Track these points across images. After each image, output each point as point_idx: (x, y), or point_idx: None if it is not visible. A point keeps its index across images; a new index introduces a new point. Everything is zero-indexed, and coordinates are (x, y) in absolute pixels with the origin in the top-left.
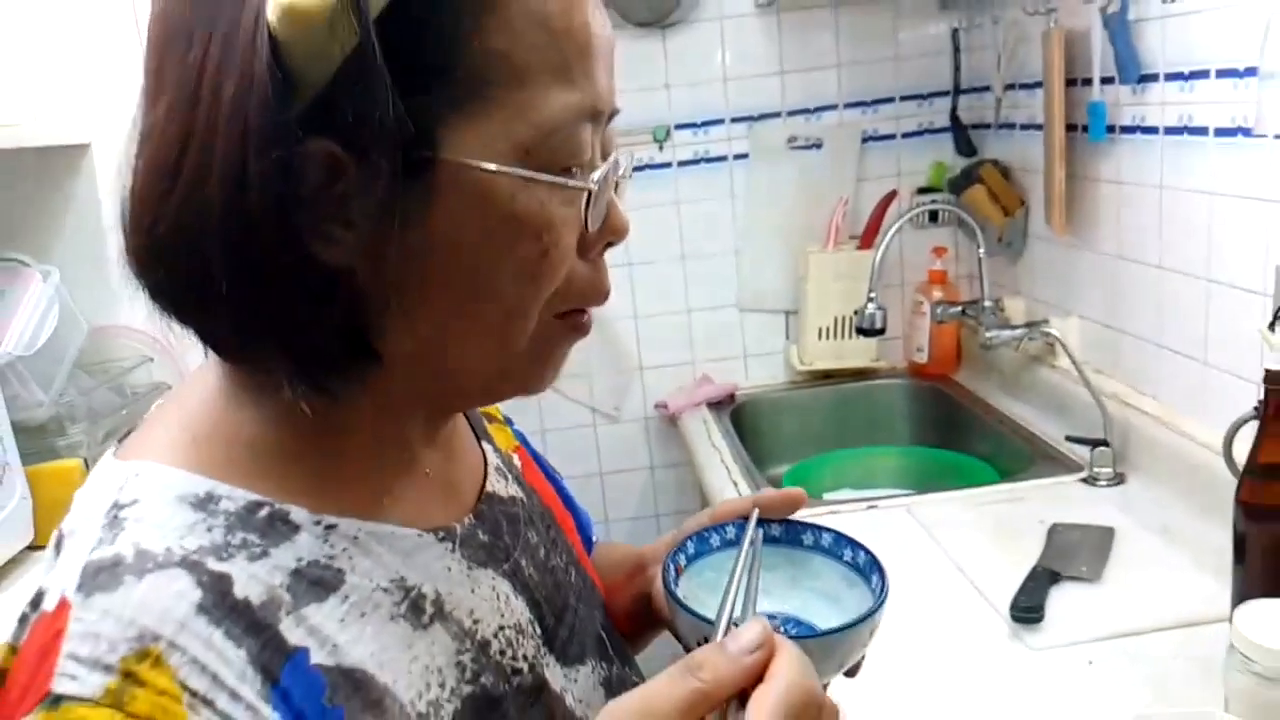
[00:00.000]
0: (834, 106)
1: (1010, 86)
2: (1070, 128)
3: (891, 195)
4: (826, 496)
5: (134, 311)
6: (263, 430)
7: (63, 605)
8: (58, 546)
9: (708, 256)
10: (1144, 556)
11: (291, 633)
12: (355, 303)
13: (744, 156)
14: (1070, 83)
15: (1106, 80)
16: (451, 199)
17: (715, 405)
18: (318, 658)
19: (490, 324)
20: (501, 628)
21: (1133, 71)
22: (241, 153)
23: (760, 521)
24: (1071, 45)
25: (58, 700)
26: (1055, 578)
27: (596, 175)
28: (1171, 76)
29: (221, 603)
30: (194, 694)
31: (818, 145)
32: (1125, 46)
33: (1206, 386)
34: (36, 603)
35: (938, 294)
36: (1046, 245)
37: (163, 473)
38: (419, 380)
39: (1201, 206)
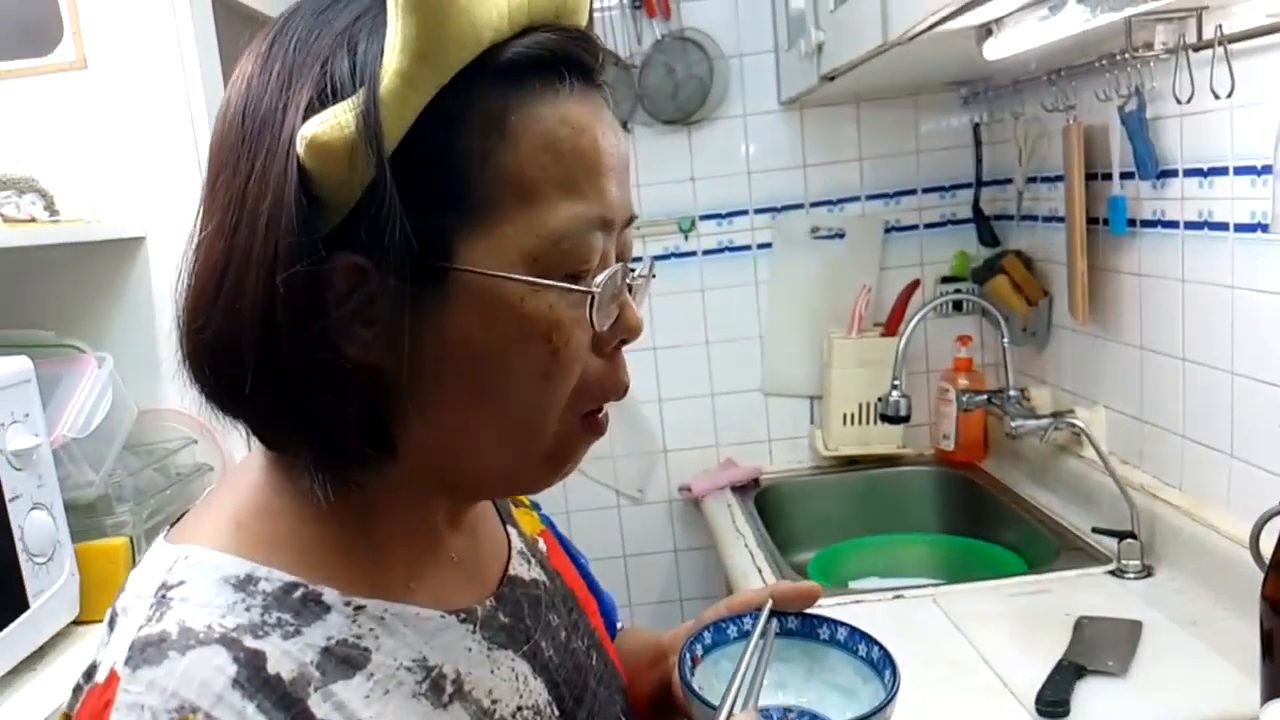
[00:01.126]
0: (857, 198)
1: (1032, 179)
2: (1092, 220)
3: (915, 284)
4: (852, 584)
5: (180, 395)
6: (300, 515)
7: (112, 677)
8: (111, 623)
9: (732, 341)
10: (1172, 650)
11: (319, 708)
12: (375, 398)
13: (767, 246)
14: (1091, 177)
15: (1126, 175)
16: (464, 303)
17: (739, 489)
18: None
19: (508, 422)
20: (520, 708)
21: (1151, 168)
22: (271, 269)
23: (777, 614)
24: (1091, 140)
25: None
26: (1082, 672)
27: (600, 279)
28: (1191, 172)
29: (255, 678)
30: None
31: (840, 235)
32: (1143, 143)
33: (1233, 479)
34: (90, 674)
35: (963, 382)
36: (1071, 335)
37: (208, 556)
38: (438, 472)
39: (1224, 300)
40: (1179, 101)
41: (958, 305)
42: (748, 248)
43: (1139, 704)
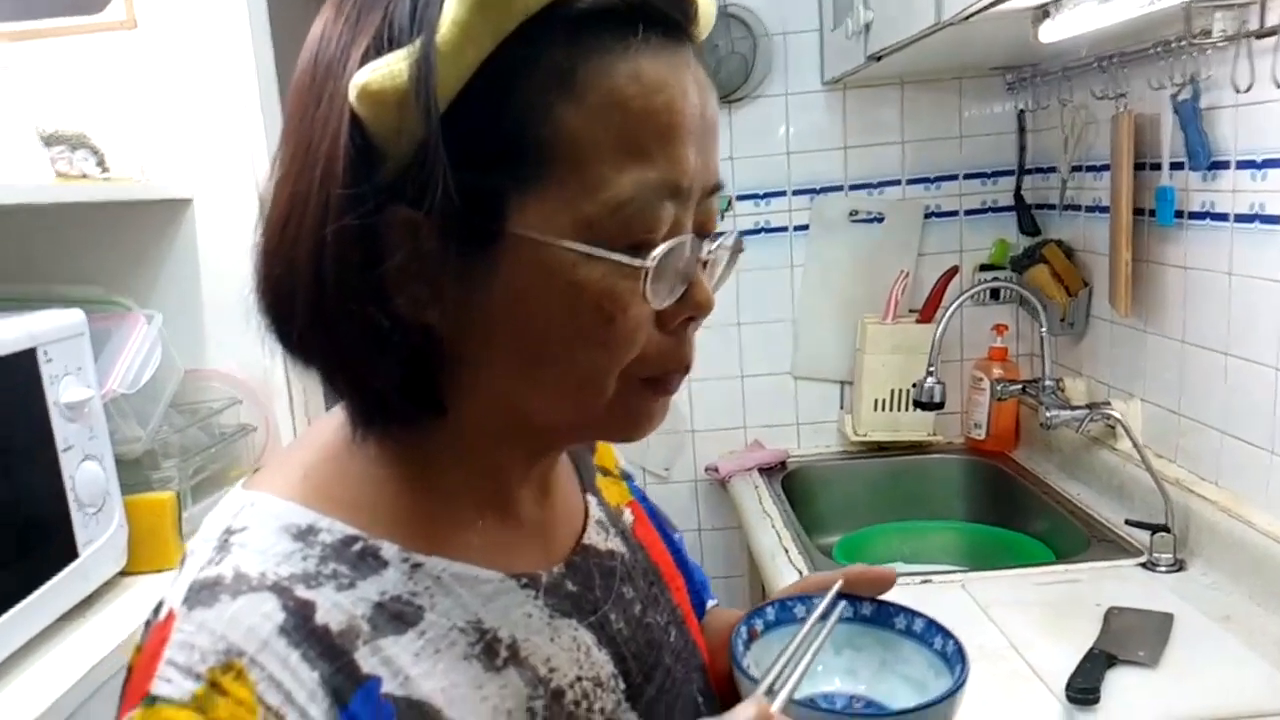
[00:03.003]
0: (897, 182)
1: (1076, 168)
2: (1138, 211)
3: (953, 271)
4: None
5: (224, 356)
6: (368, 468)
7: (170, 616)
8: (182, 563)
9: (764, 324)
10: (1203, 644)
11: (366, 661)
12: (426, 357)
13: (804, 228)
14: (1139, 167)
15: (1176, 165)
16: (515, 267)
17: (766, 471)
18: (389, 687)
19: (560, 387)
20: (579, 678)
21: (1203, 158)
22: (323, 218)
23: (853, 599)
24: (1141, 130)
25: (153, 700)
26: (1112, 661)
27: (657, 253)
28: (1243, 164)
29: (303, 626)
30: (268, 708)
31: (879, 219)
32: (1196, 133)
33: (1272, 475)
34: (156, 611)
35: (997, 371)
36: (1109, 327)
37: (274, 503)
38: (494, 431)
39: (1273, 295)
40: (1237, 91)
41: (995, 293)
42: (784, 229)
43: (1170, 695)
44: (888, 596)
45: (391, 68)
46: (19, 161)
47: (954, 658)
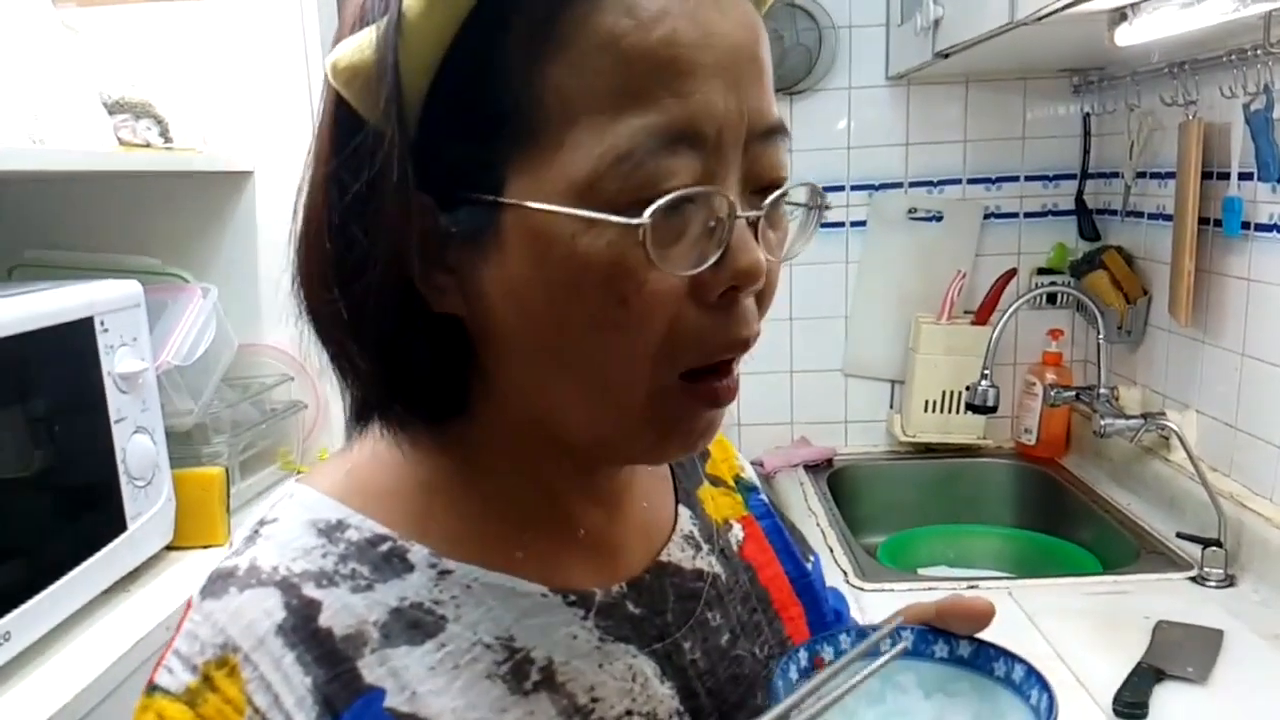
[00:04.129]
0: (957, 181)
1: (1141, 174)
2: (1202, 221)
3: (1011, 274)
4: (921, 571)
5: (278, 332)
6: (409, 469)
7: (188, 604)
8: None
9: (816, 319)
10: (1253, 662)
11: (371, 671)
12: (453, 351)
13: (861, 224)
14: (1205, 176)
15: (1245, 176)
16: (517, 244)
17: (812, 468)
18: (393, 701)
19: (580, 385)
20: (629, 712)
21: (1274, 170)
22: (327, 200)
23: (949, 636)
24: (1210, 138)
25: (153, 689)
26: (1160, 676)
27: (658, 205)
28: None
29: (303, 627)
30: (255, 709)
31: (938, 218)
32: (1268, 144)
33: None
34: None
35: (1051, 376)
36: (1167, 336)
37: (309, 497)
38: (531, 437)
39: None
40: None
41: (1051, 298)
42: (841, 224)
43: (1219, 713)
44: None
45: (360, 41)
46: (82, 127)
47: (1047, 714)
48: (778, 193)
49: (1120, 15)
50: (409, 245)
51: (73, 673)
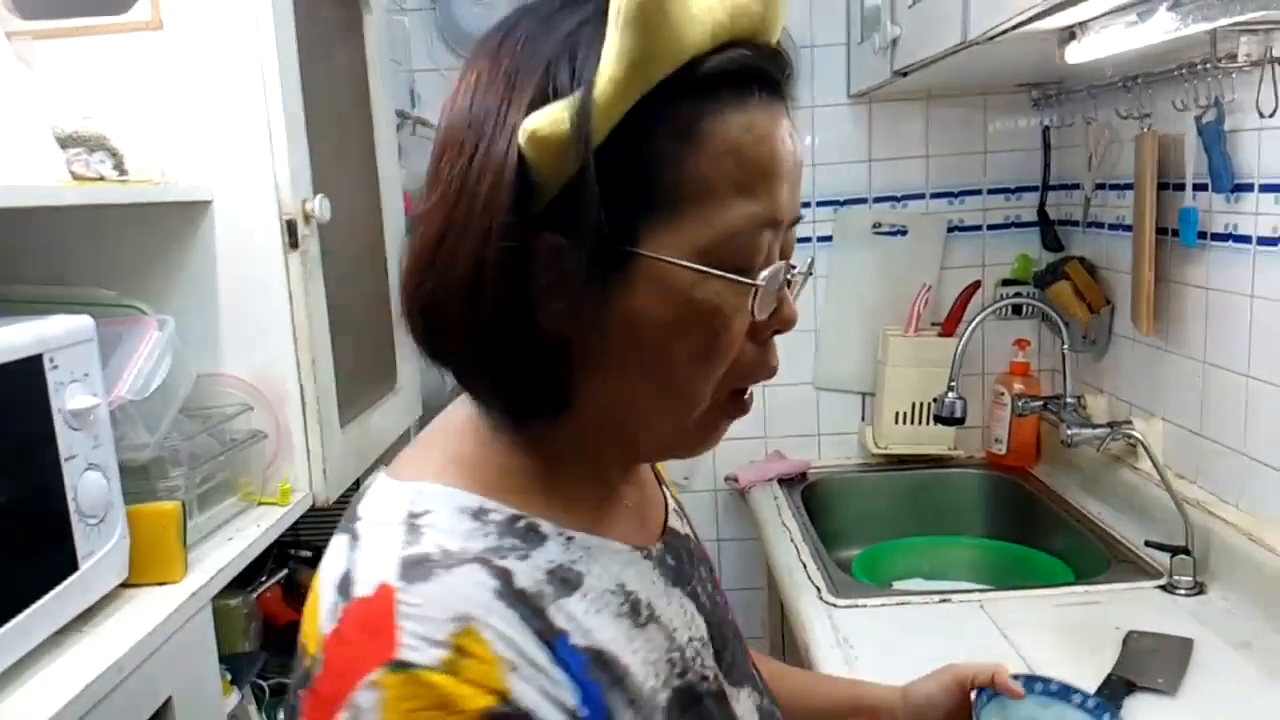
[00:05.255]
0: (921, 195)
1: (1100, 186)
2: (1161, 231)
3: (975, 285)
4: (896, 584)
5: (238, 361)
6: (508, 458)
7: (385, 591)
8: (353, 545)
9: (786, 334)
10: (1223, 671)
11: (556, 617)
12: (560, 363)
13: (827, 239)
14: (1162, 186)
15: (1199, 187)
16: (643, 285)
17: (786, 482)
18: (575, 639)
19: (666, 394)
20: (691, 639)
21: (1226, 181)
22: (483, 241)
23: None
24: (1165, 150)
25: (405, 665)
26: (1131, 688)
27: (765, 274)
28: (1267, 188)
29: (510, 590)
30: (507, 662)
31: (903, 232)
32: (1220, 156)
33: None
34: (346, 591)
35: (1018, 386)
36: (1131, 345)
37: (441, 490)
38: (607, 431)
39: None
40: (1261, 115)
41: (1017, 309)
42: (808, 240)
43: None
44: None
45: (555, 115)
46: (33, 162)
47: None
48: (804, 264)
49: (1069, 34)
50: (548, 280)
51: (27, 716)
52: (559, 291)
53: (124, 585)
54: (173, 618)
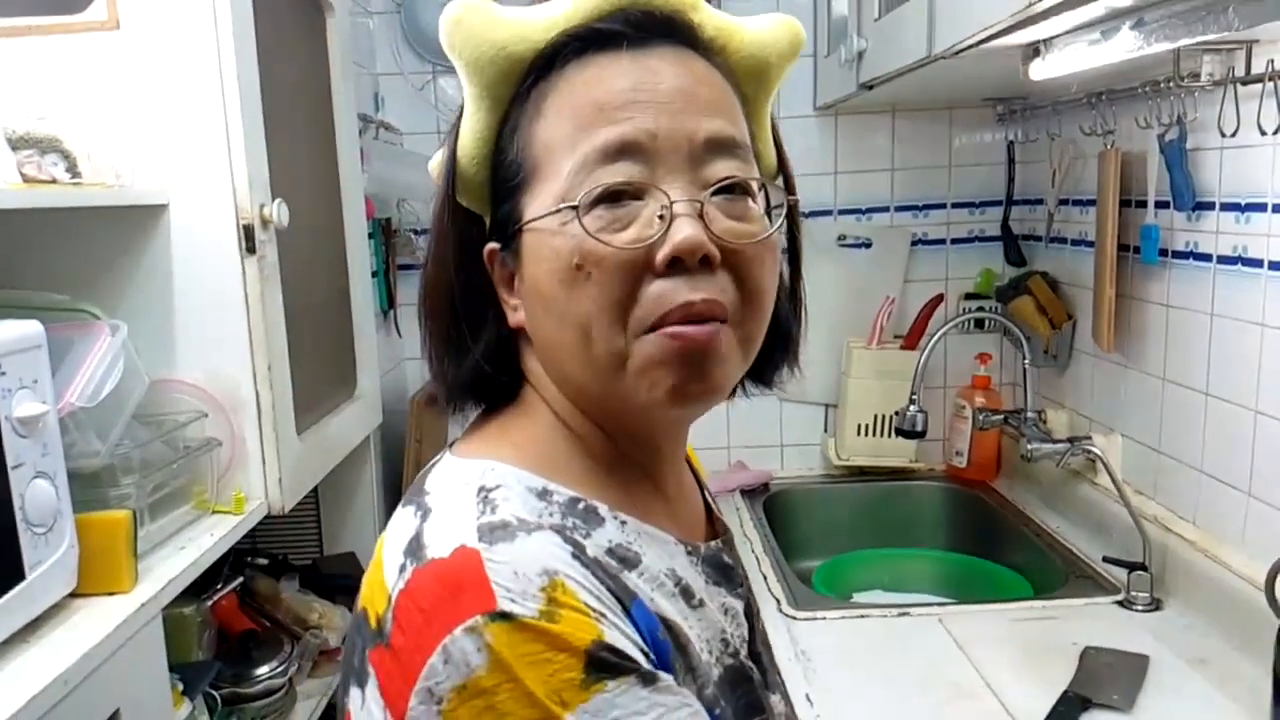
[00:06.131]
0: (885, 208)
1: (1064, 201)
2: (1123, 248)
3: (938, 299)
4: (856, 596)
5: (192, 367)
6: (566, 445)
7: (465, 552)
8: (423, 516)
9: None
10: (1178, 687)
11: (629, 582)
12: (511, 345)
13: None
14: (1124, 203)
15: (1161, 204)
16: (527, 254)
17: (748, 492)
18: (647, 604)
19: (572, 345)
20: (733, 634)
21: (1188, 199)
22: (448, 264)
23: None
24: (1128, 167)
25: (507, 615)
26: (1086, 704)
27: (582, 193)
28: (1228, 207)
29: (583, 555)
30: (593, 610)
31: (867, 244)
32: (1181, 174)
33: (1249, 517)
34: (417, 554)
35: (980, 400)
36: (1092, 361)
37: (509, 469)
38: (577, 403)
39: (1253, 337)
40: (1223, 134)
41: (979, 323)
42: None
43: None
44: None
45: (438, 156)
46: None
47: None
48: (715, 185)
49: (1034, 50)
50: (497, 277)
51: None
52: (506, 283)
53: (72, 595)
54: (121, 628)
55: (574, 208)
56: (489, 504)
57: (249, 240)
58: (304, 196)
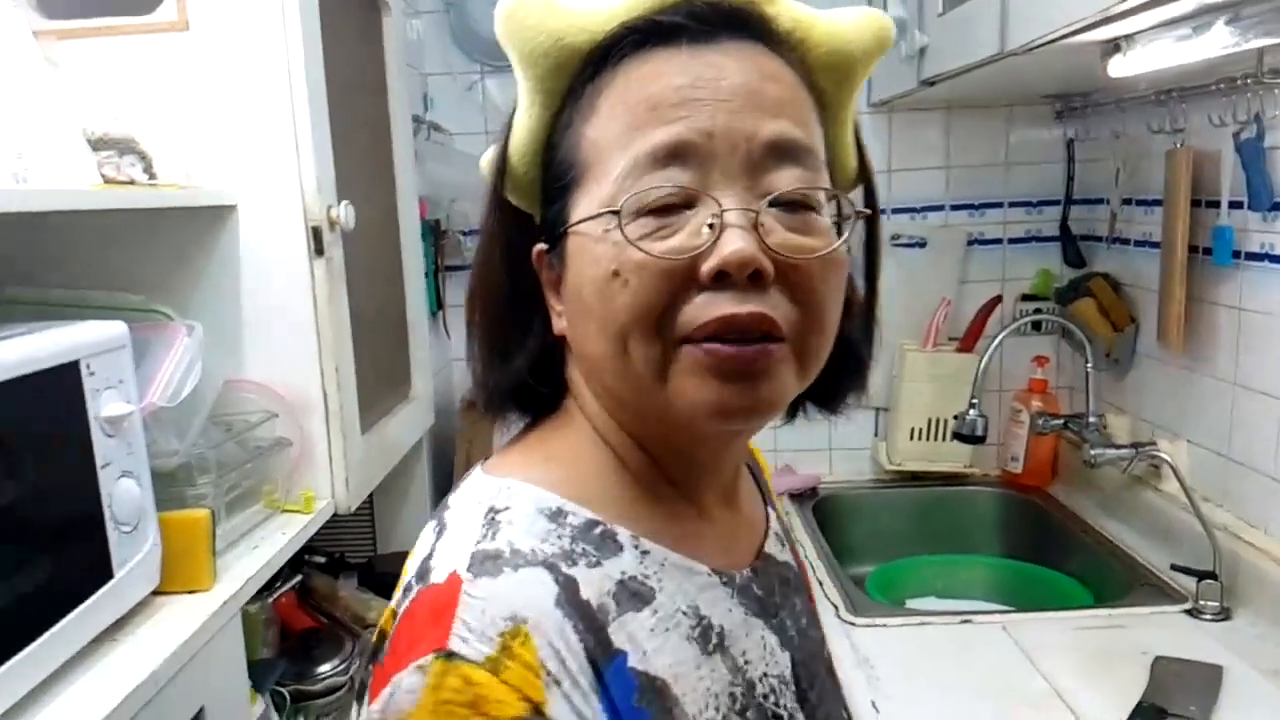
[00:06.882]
0: (940, 207)
1: (1126, 201)
2: (1191, 249)
3: (996, 300)
4: (909, 603)
5: (261, 367)
6: (603, 461)
7: (454, 580)
8: (439, 534)
9: None
10: (1255, 699)
11: (615, 635)
12: (553, 353)
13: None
14: (1194, 203)
15: (1235, 204)
16: (571, 256)
17: (796, 497)
18: (633, 661)
19: (611, 353)
20: (765, 674)
21: (1265, 199)
22: (493, 263)
23: None
24: (1198, 166)
25: (451, 655)
26: (1162, 715)
27: (624, 199)
28: None
29: (573, 599)
30: (549, 674)
31: (921, 244)
32: (1259, 173)
33: None
34: (424, 576)
35: (1037, 404)
36: (1156, 365)
37: (526, 488)
38: (611, 409)
39: None
40: None
41: (1035, 325)
42: None
43: None
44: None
45: (495, 145)
46: (65, 165)
47: None
48: (772, 195)
49: (1114, 46)
50: (544, 280)
51: None
52: (553, 288)
53: (154, 593)
54: (206, 626)
55: (615, 213)
56: (493, 527)
57: (317, 242)
58: (362, 198)
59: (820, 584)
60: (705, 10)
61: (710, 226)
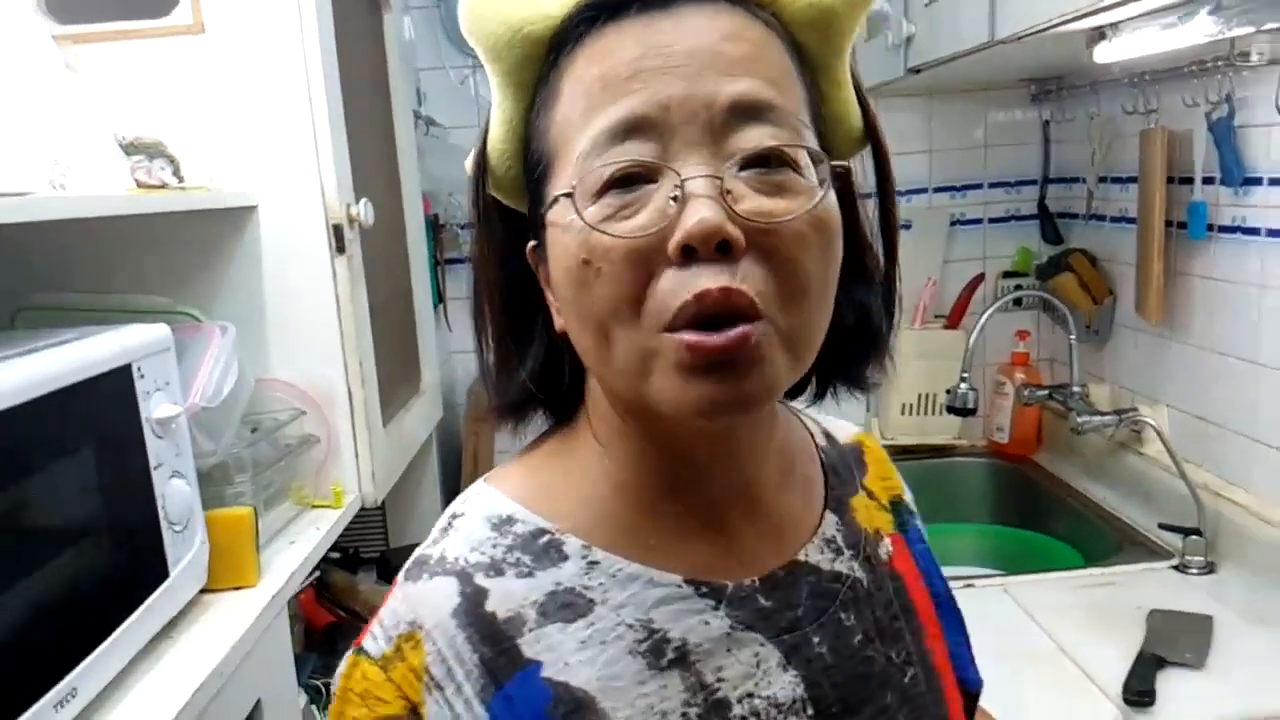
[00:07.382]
0: (924, 189)
1: (1102, 179)
2: (1166, 223)
3: (979, 278)
4: None
5: (287, 366)
6: (577, 464)
7: (394, 583)
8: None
9: None
10: (1244, 645)
11: (530, 647)
12: (563, 353)
13: None
14: (1167, 180)
15: (1207, 180)
16: (549, 248)
17: None
18: (549, 672)
19: (596, 347)
20: (750, 695)
21: (1236, 175)
22: (485, 265)
23: None
24: (1171, 145)
25: (360, 650)
26: (1161, 663)
27: (574, 171)
28: (1276, 181)
29: (472, 611)
30: (431, 678)
31: (906, 226)
32: (1230, 151)
33: None
34: (402, 574)
35: (1020, 376)
36: (1134, 335)
37: (489, 495)
38: (615, 405)
39: None
40: (1278, 110)
41: (1017, 300)
42: None
43: (1221, 696)
44: None
45: (471, 155)
46: (100, 170)
47: None
48: (738, 157)
49: (1099, 33)
50: (540, 276)
51: None
52: (549, 284)
53: (203, 591)
54: (258, 621)
55: (569, 195)
56: (445, 533)
57: (338, 240)
58: (372, 194)
59: None
60: None
61: (674, 199)
